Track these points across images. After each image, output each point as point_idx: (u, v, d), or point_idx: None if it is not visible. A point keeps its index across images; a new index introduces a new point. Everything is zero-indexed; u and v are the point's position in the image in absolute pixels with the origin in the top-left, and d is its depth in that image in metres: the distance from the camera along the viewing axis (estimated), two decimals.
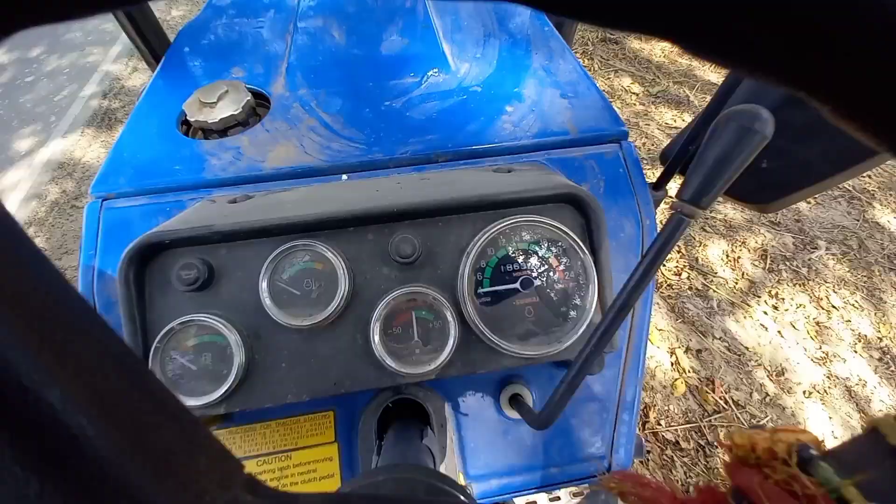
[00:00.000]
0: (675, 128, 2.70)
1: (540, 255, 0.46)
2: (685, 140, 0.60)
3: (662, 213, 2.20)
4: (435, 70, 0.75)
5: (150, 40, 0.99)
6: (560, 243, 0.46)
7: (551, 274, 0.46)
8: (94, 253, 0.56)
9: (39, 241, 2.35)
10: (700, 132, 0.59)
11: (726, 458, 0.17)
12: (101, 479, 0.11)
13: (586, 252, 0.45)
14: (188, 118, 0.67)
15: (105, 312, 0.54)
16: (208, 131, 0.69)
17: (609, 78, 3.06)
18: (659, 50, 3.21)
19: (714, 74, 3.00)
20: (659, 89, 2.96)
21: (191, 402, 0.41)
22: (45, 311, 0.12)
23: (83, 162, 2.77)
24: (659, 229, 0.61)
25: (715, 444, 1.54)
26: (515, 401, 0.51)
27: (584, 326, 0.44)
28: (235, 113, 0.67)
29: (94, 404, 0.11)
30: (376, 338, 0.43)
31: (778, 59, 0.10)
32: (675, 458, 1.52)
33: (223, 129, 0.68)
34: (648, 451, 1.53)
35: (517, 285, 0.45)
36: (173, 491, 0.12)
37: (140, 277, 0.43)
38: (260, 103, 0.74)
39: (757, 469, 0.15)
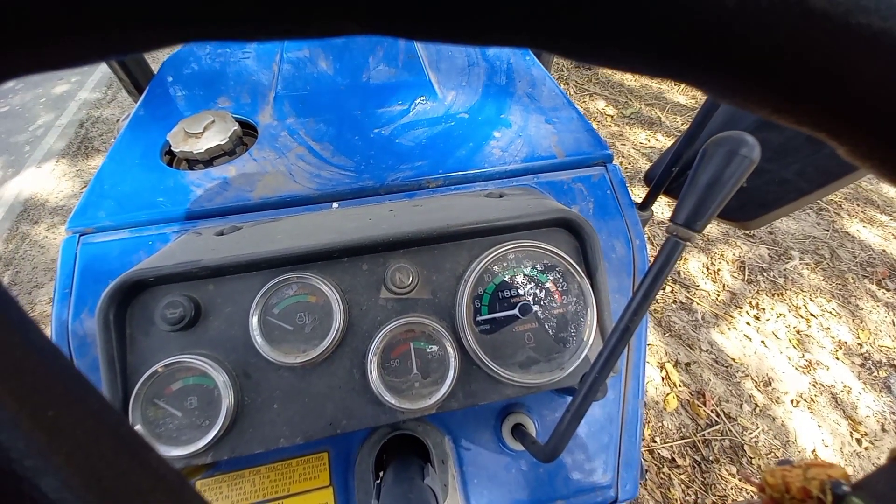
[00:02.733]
0: (650, 147, 2.81)
1: (537, 280, 0.46)
2: (668, 162, 0.62)
3: (650, 230, 2.25)
4: (422, 98, 0.76)
5: (133, 70, 0.98)
6: (557, 268, 0.46)
7: (549, 299, 0.46)
8: (69, 291, 0.53)
9: (9, 274, 2.23)
10: (682, 153, 0.61)
11: (760, 497, 0.17)
12: None
13: (583, 276, 0.45)
14: (172, 149, 0.66)
15: (80, 356, 0.50)
16: (193, 162, 0.67)
17: (584, 101, 3.19)
18: (630, 74, 3.37)
19: (682, 97, 3.16)
20: (632, 111, 3.09)
21: (175, 451, 0.38)
22: (34, 381, 0.11)
23: (57, 192, 2.69)
24: (648, 248, 0.62)
25: (711, 459, 1.53)
26: (518, 431, 0.49)
27: (584, 352, 0.44)
28: (222, 143, 0.66)
29: (90, 489, 0.10)
30: (374, 372, 0.41)
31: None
32: (673, 476, 1.50)
33: (209, 160, 0.67)
34: (647, 470, 1.51)
35: (516, 311, 0.45)
36: None
37: (121, 318, 0.40)
38: (247, 132, 0.73)
39: None
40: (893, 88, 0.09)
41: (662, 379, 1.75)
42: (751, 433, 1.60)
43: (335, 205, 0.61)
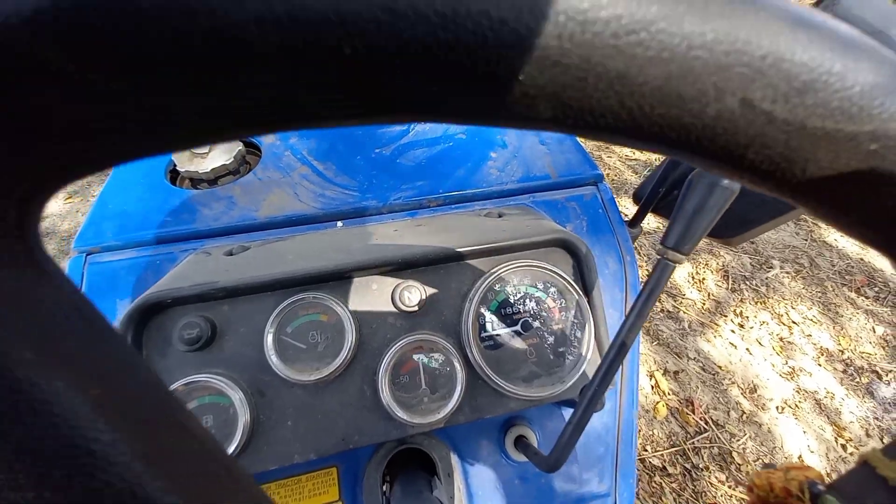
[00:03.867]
0: (635, 159, 2.90)
1: (537, 298, 0.48)
2: (656, 182, 0.66)
3: (639, 241, 2.31)
4: None
5: None
6: (556, 286, 0.49)
7: (549, 316, 0.48)
8: None
9: None
10: (668, 176, 0.65)
11: (748, 497, 0.19)
12: None
13: (580, 293, 0.48)
14: (178, 168, 0.67)
15: None
16: (198, 181, 0.69)
17: None
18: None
19: None
20: None
21: None
22: (146, 410, 0.12)
23: (49, 210, 2.63)
24: (639, 263, 0.66)
25: (701, 466, 1.56)
26: (521, 443, 0.51)
27: (584, 365, 0.46)
28: (227, 163, 0.68)
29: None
30: (385, 388, 0.43)
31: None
32: (664, 485, 1.52)
33: (214, 179, 0.68)
34: (639, 480, 1.53)
35: (518, 328, 0.47)
36: None
37: (138, 339, 0.41)
38: (250, 152, 0.75)
39: None
40: (841, 169, 0.12)
41: (652, 387, 1.79)
42: (739, 440, 1.63)
43: (339, 224, 0.63)
